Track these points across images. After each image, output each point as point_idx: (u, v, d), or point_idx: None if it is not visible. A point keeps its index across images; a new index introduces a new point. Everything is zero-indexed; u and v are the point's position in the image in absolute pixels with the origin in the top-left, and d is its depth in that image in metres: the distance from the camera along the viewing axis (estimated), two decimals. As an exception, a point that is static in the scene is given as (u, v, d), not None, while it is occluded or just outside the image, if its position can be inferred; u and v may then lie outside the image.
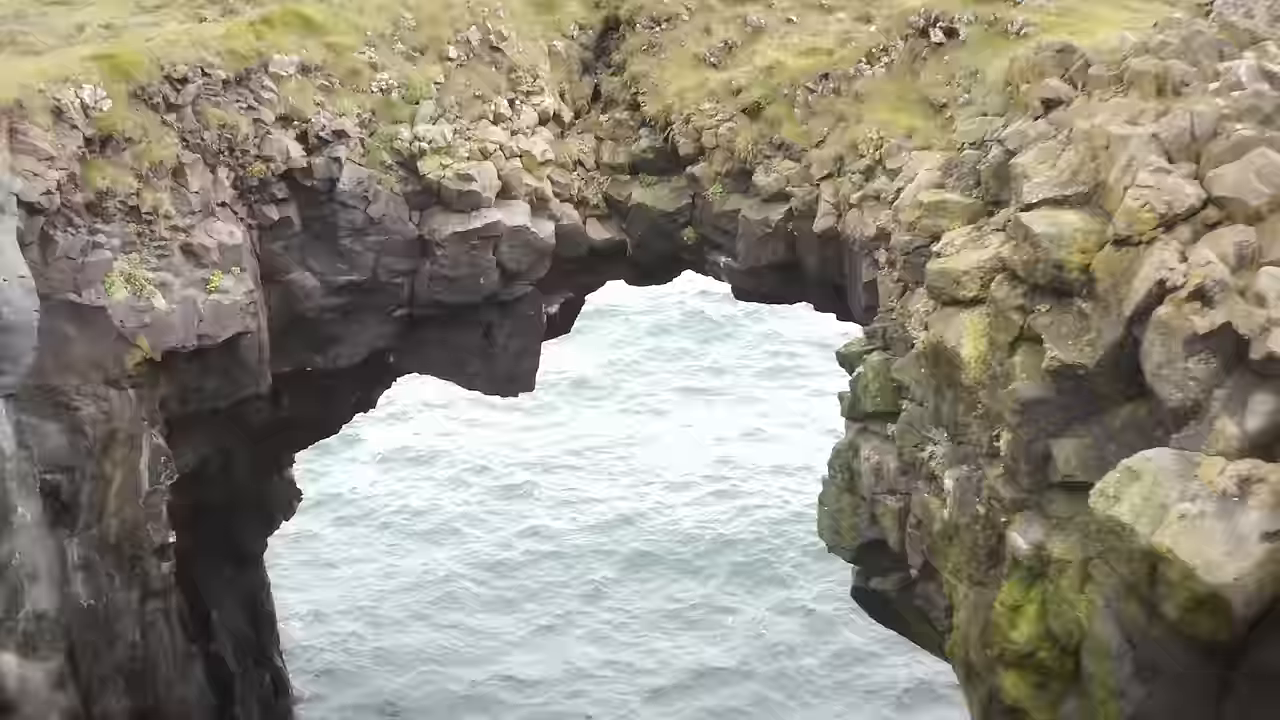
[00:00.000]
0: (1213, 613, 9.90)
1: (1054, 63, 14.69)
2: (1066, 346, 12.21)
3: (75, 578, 19.71)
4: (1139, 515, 10.48)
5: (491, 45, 22.99)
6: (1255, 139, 11.50)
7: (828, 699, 30.20)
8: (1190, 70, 12.56)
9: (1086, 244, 12.25)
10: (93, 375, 19.01)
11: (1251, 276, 10.92)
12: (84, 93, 18.92)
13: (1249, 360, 10.75)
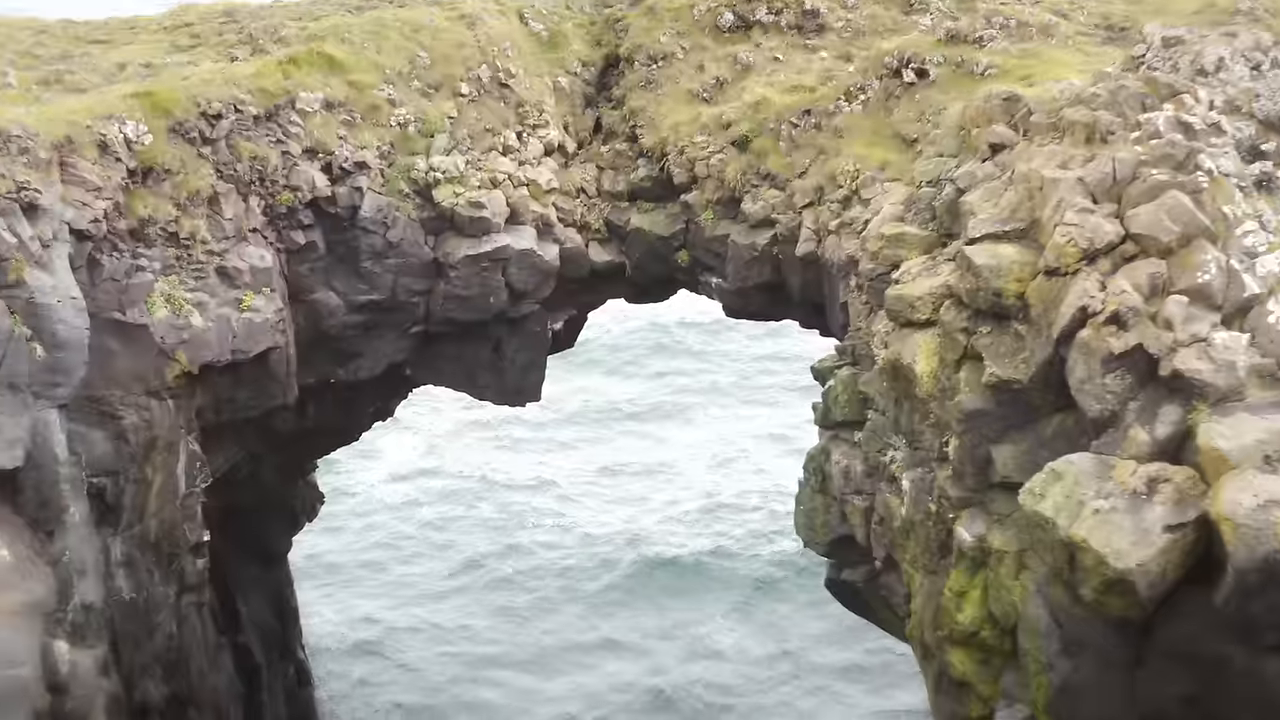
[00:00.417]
0: (1122, 594, 11.19)
1: (1001, 110, 16.05)
2: (1004, 364, 13.59)
3: (118, 573, 20.83)
4: (1060, 510, 11.78)
5: (500, 82, 24.29)
6: (1168, 183, 12.83)
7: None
8: (1116, 120, 13.90)
9: (1022, 274, 13.64)
10: (135, 387, 20.22)
11: (1161, 304, 12.25)
12: (127, 128, 20.22)
13: (1158, 377, 12.09)
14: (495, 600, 36.02)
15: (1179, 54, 15.19)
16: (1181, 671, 11.49)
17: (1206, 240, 12.55)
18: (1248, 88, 14.22)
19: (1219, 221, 12.68)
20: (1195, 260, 12.42)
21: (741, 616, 35.00)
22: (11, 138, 18.25)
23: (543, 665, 33.27)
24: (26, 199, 18.07)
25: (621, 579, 36.94)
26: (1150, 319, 12.26)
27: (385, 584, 36.90)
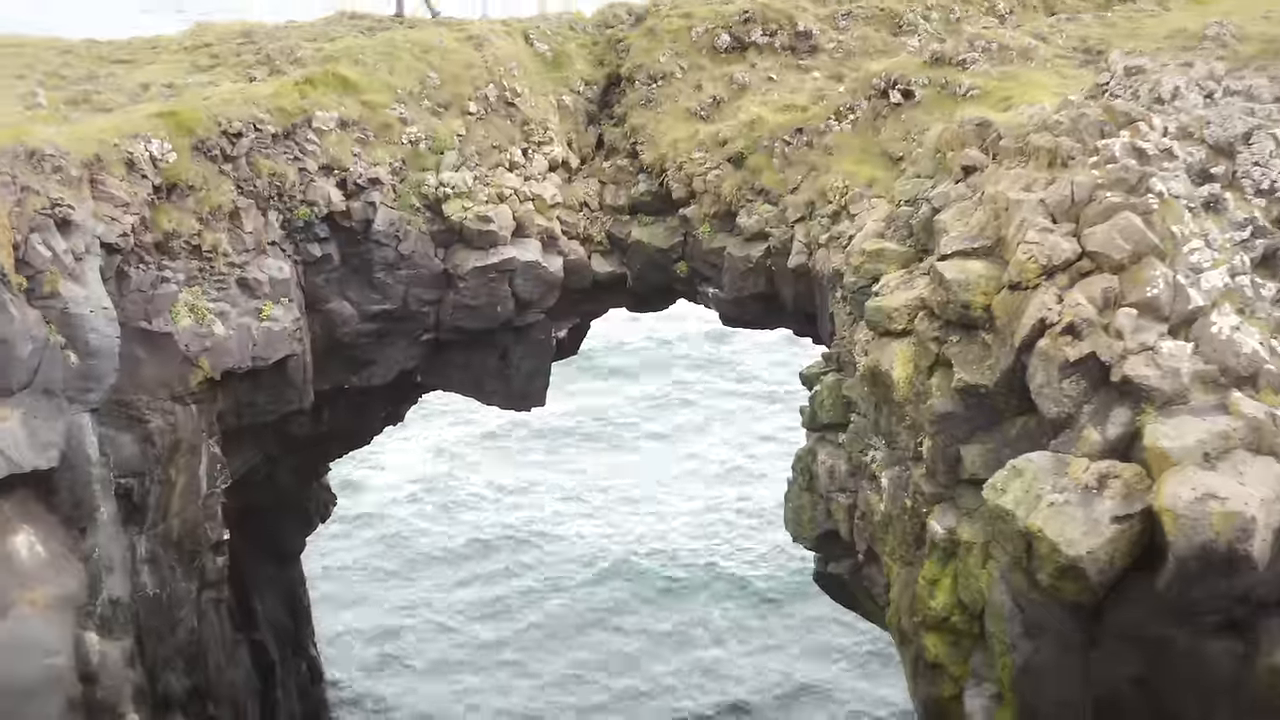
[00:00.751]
0: (1074, 579, 12.26)
1: (974, 135, 17.12)
2: (972, 370, 14.68)
3: (143, 569, 21.66)
4: (1019, 503, 12.86)
5: (507, 101, 25.36)
6: (1121, 204, 13.90)
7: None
8: (1076, 146, 14.98)
9: (988, 288, 14.73)
10: (161, 392, 21.19)
11: (1113, 315, 13.33)
12: (152, 146, 21.28)
13: (1110, 382, 13.17)
14: (497, 606, 37.09)
15: (1139, 82, 16.29)
16: (1131, 653, 12.56)
17: (1155, 257, 13.65)
18: (1200, 115, 15.32)
19: (1167, 240, 13.78)
20: (1145, 276, 13.52)
21: (745, 633, 35.91)
22: (45, 156, 19.32)
23: (544, 664, 34.41)
24: (60, 215, 19.13)
25: (626, 588, 37.79)
26: (1103, 329, 13.34)
27: (388, 585, 38.05)
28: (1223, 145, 14.92)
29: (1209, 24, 20.67)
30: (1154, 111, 15.46)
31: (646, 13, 28.00)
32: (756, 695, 32.54)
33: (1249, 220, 14.12)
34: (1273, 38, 19.74)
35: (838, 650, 33.70)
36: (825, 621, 34.28)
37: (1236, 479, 11.70)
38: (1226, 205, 14.26)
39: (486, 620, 36.28)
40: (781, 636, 35.00)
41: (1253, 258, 13.86)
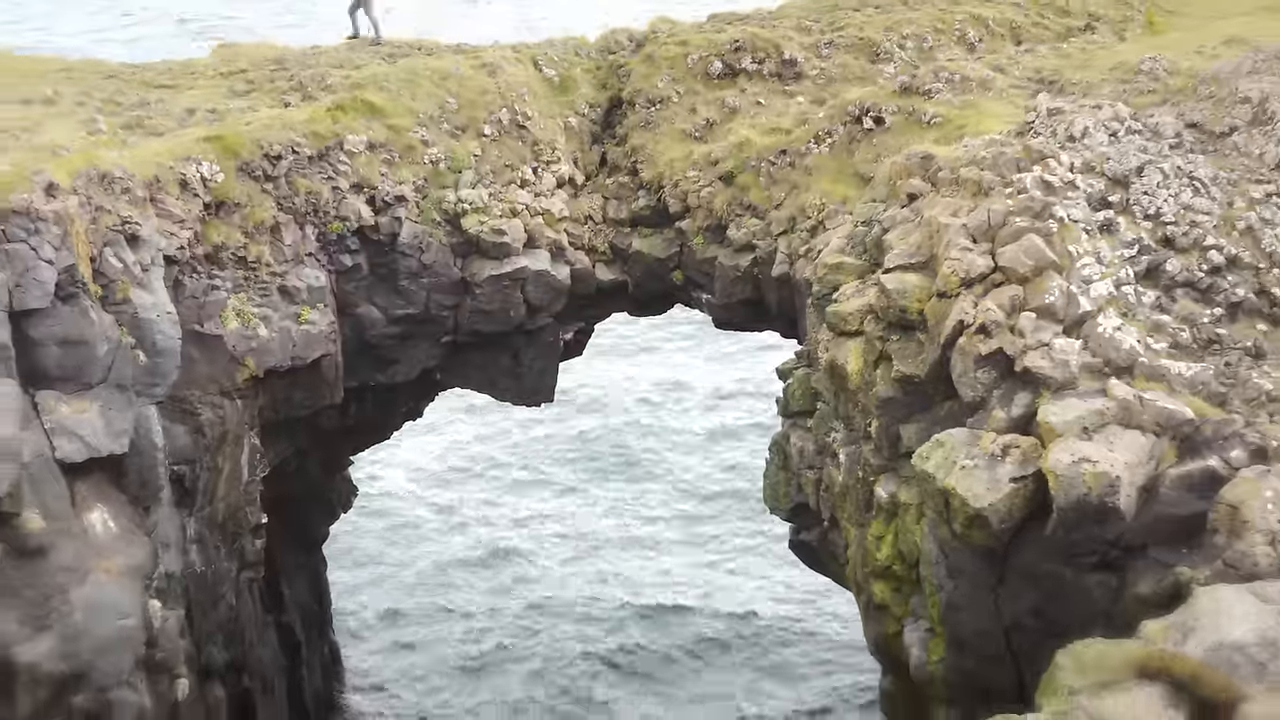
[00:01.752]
0: (981, 528, 16.13)
1: (919, 166, 20.99)
2: (908, 363, 18.58)
3: (191, 548, 25.32)
4: (939, 468, 16.72)
5: (518, 124, 29.25)
6: (1027, 228, 17.80)
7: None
8: (996, 179, 18.87)
9: (921, 296, 18.61)
10: (211, 388, 25.03)
11: (1017, 318, 17.22)
12: (203, 168, 25.21)
13: (1014, 372, 17.05)
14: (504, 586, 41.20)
15: (1058, 122, 20.16)
16: (1029, 588, 16.41)
17: (1054, 271, 17.49)
18: (1103, 151, 19.18)
19: (1064, 257, 17.61)
20: (1044, 286, 17.35)
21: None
22: (115, 179, 23.21)
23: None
24: (129, 231, 23.01)
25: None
26: (1009, 330, 17.19)
27: (399, 570, 42.07)
28: (1119, 177, 18.82)
29: (1144, 59, 24.67)
30: (1065, 148, 19.34)
31: (645, 39, 32.01)
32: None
33: (1136, 240, 18.01)
34: (1197, 72, 23.68)
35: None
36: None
37: (1108, 447, 15.53)
38: (1119, 228, 18.14)
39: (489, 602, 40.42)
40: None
41: (1137, 271, 17.74)
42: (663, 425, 50.62)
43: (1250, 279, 17.57)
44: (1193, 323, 17.16)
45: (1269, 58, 21.28)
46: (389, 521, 44.34)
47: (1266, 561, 14.15)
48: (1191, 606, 13.00)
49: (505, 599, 40.36)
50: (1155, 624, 13.02)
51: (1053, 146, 19.30)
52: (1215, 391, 16.31)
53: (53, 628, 20.30)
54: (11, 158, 22.80)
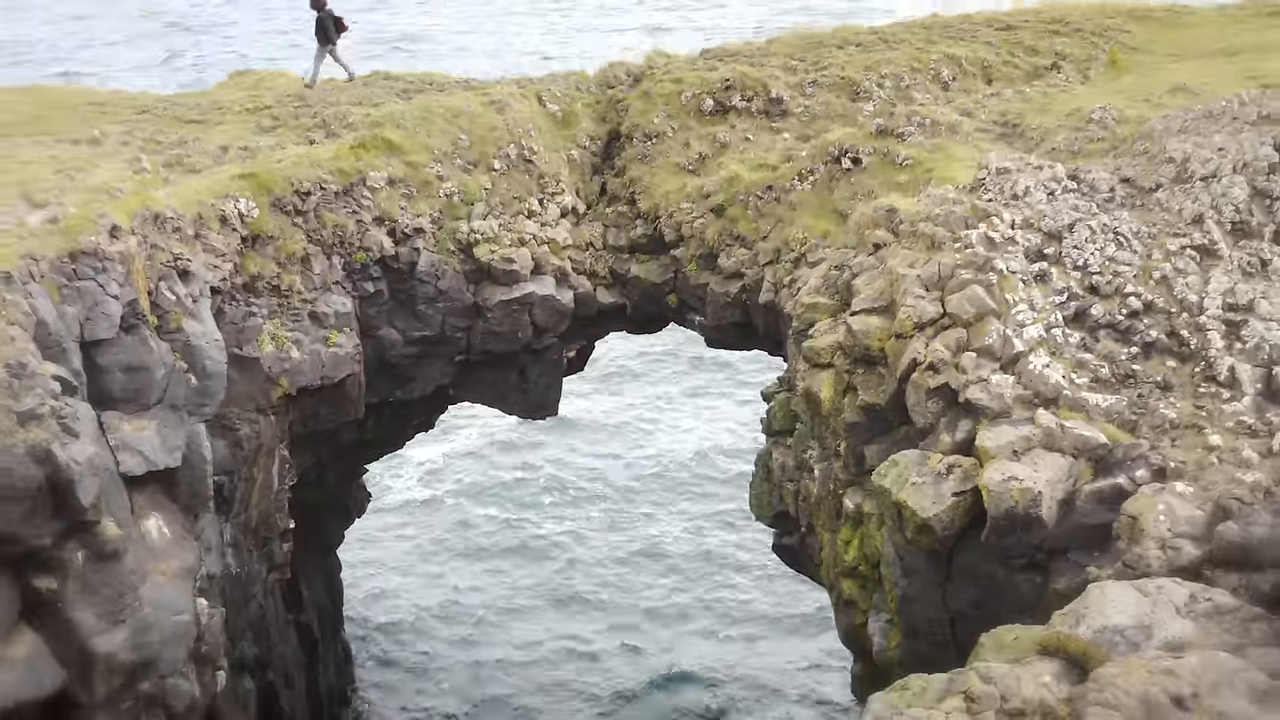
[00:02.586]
0: (927, 534, 20.26)
1: (884, 219, 25.14)
2: (871, 394, 22.79)
3: (227, 552, 29.26)
4: (894, 484, 20.86)
5: (525, 158, 33.37)
6: (971, 280, 22.00)
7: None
8: (946, 234, 23.07)
9: (882, 336, 22.80)
10: (248, 405, 29.13)
11: (961, 357, 21.39)
12: (239, 204, 29.27)
13: (958, 403, 21.21)
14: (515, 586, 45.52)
15: (1004, 180, 24.36)
16: (970, 584, 20.55)
17: (993, 317, 21.61)
18: (1040, 209, 23.37)
19: (1002, 304, 21.77)
20: (984, 330, 21.50)
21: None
22: (166, 219, 27.29)
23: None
24: (181, 266, 27.08)
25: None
26: (954, 367, 21.33)
27: (407, 568, 46.37)
28: (1053, 232, 23.02)
29: (1095, 109, 28.89)
30: (1008, 206, 23.55)
31: (642, 74, 36.21)
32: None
33: (1066, 288, 22.20)
34: (1143, 120, 27.93)
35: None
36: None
37: (1033, 468, 19.64)
38: (1051, 277, 22.34)
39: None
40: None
41: (1065, 315, 21.90)
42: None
43: (1163, 322, 21.79)
44: (1112, 360, 21.39)
45: (1197, 117, 25.52)
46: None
47: (1158, 563, 18.34)
48: (1085, 598, 17.16)
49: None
50: (1058, 612, 17.22)
51: (997, 205, 23.53)
52: (1127, 420, 20.51)
53: (125, 622, 24.20)
54: (72, 199, 26.81)
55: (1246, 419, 20.21)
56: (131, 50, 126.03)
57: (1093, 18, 37.61)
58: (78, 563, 23.39)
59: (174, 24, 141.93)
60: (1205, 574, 18.01)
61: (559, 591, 45.21)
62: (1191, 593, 17.06)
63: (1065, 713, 13.67)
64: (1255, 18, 38.54)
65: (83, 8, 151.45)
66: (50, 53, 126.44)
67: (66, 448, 22.71)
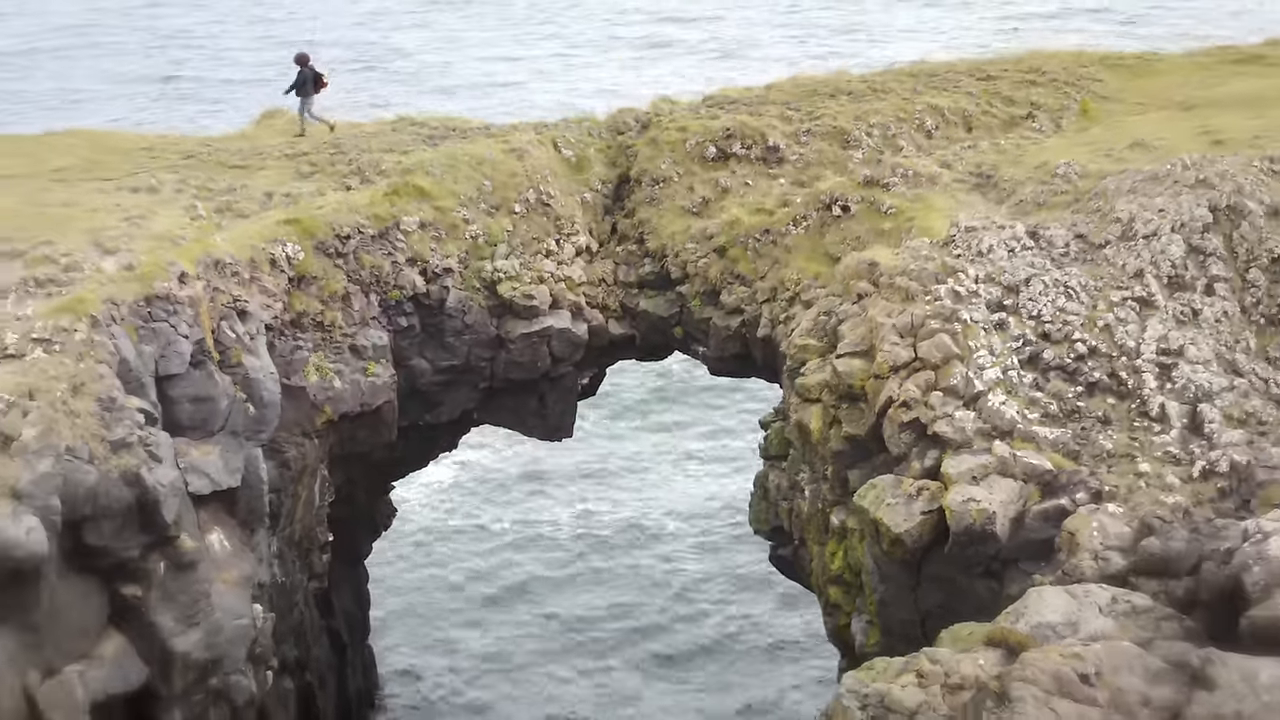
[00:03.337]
0: (900, 547, 24.75)
1: (867, 271, 29.66)
2: (853, 426, 27.37)
3: (274, 563, 33.74)
4: (872, 504, 25.37)
5: (543, 202, 37.90)
6: (940, 329, 26.55)
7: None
8: (919, 287, 27.61)
9: (864, 376, 27.36)
10: (295, 430, 33.53)
11: (930, 396, 25.97)
12: (287, 248, 33.74)
13: (927, 435, 25.78)
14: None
15: (971, 238, 28.91)
16: (937, 589, 25.06)
17: (958, 360, 26.12)
18: (1002, 265, 27.95)
19: (966, 350, 26.27)
20: (950, 372, 26.03)
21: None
22: (225, 264, 31.78)
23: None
24: (239, 307, 31.56)
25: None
26: (924, 404, 25.86)
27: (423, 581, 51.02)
28: (1012, 286, 27.60)
29: (1060, 164, 33.51)
30: (973, 262, 28.13)
31: (650, 121, 40.76)
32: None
33: (1022, 335, 26.76)
34: (1103, 173, 32.48)
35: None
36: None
37: (989, 490, 24.13)
38: (1009, 326, 26.91)
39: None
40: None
41: (1021, 359, 26.44)
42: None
43: (1105, 365, 26.37)
44: (1059, 398, 25.98)
45: (1144, 179, 30.11)
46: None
47: (1091, 571, 22.88)
48: (1025, 599, 21.68)
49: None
50: (1004, 612, 21.79)
51: (964, 261, 28.13)
52: (1071, 450, 25.10)
53: (199, 624, 28.54)
54: (141, 245, 31.30)
55: (1173, 449, 24.81)
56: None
57: (1068, 66, 42.30)
58: (159, 572, 27.69)
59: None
60: (1130, 581, 22.53)
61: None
62: (1113, 595, 21.60)
63: (995, 687, 18.18)
64: (1220, 65, 43.24)
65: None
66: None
67: (153, 472, 27.07)
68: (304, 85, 42.31)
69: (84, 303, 28.63)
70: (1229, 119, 35.88)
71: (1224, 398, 25.53)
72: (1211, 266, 27.88)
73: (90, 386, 27.05)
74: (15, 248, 30.91)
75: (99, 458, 26.27)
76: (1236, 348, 26.66)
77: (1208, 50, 44.73)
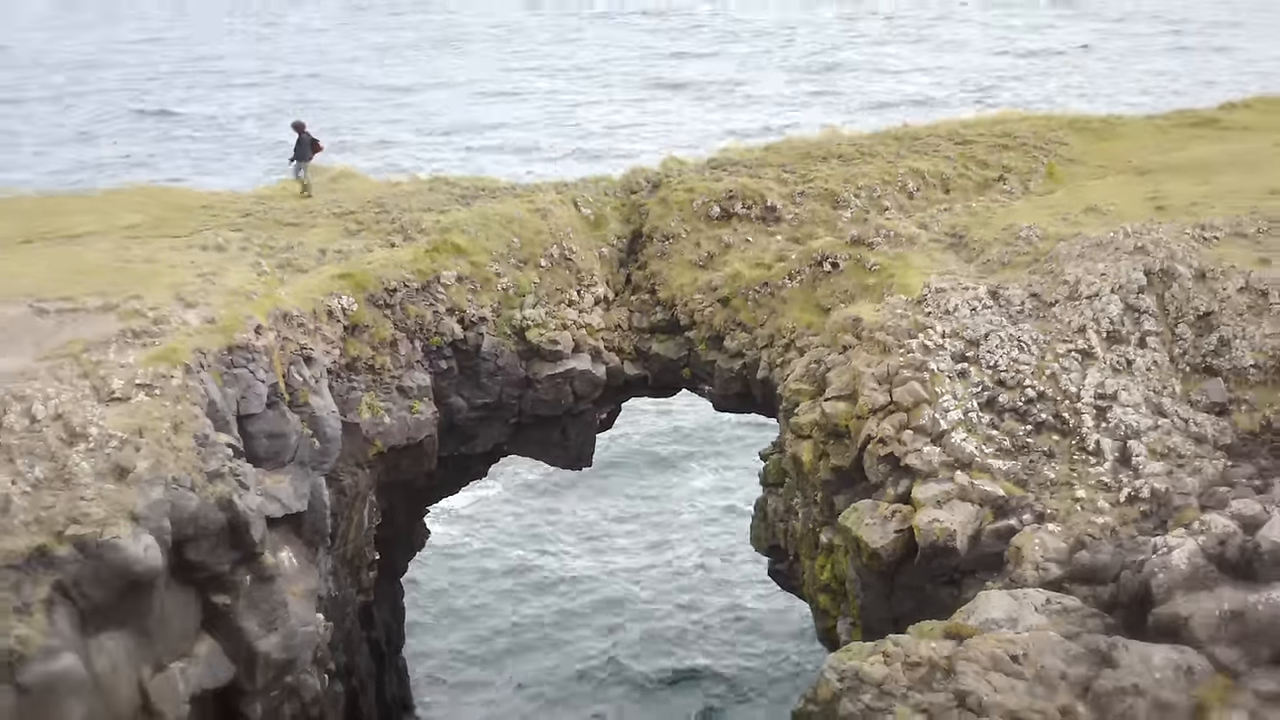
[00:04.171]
0: (876, 560, 30.59)
1: (851, 325, 35.56)
2: (840, 458, 33.25)
3: (329, 578, 39.92)
4: (854, 524, 31.09)
5: (565, 256, 43.87)
6: (911, 377, 32.43)
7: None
8: (894, 341, 33.60)
9: (848, 417, 33.27)
10: (350, 461, 39.46)
11: (902, 434, 31.92)
12: (342, 300, 39.73)
13: (900, 466, 31.69)
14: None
15: (940, 298, 34.90)
16: (909, 596, 30.87)
17: (926, 404, 31.97)
18: (965, 322, 33.91)
19: (933, 395, 32.12)
20: (920, 414, 31.90)
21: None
22: (292, 316, 37.71)
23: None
24: (305, 354, 37.45)
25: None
26: (897, 440, 31.72)
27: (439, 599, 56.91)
28: (973, 340, 33.56)
29: (1022, 227, 39.56)
30: (941, 319, 34.17)
31: (660, 181, 46.77)
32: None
33: (980, 382, 32.64)
34: (1060, 236, 38.50)
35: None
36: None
37: (950, 513, 29.97)
38: (970, 374, 32.83)
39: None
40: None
41: (979, 403, 32.33)
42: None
43: (1051, 407, 32.31)
44: (1012, 435, 31.92)
45: (1091, 245, 36.15)
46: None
47: (1032, 579, 28.73)
48: (976, 601, 27.51)
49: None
50: (958, 610, 27.69)
51: (933, 319, 34.18)
52: (1020, 479, 31.02)
53: (278, 629, 34.18)
54: (218, 300, 37.22)
55: (1105, 479, 30.74)
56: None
57: (1038, 130, 48.45)
58: (245, 584, 33.29)
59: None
60: (1065, 587, 28.35)
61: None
62: (1048, 598, 27.51)
63: (944, 664, 24.14)
64: (1178, 128, 49.42)
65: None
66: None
67: (242, 498, 32.79)
68: (302, 149, 48.50)
69: (176, 352, 34.38)
70: (1176, 185, 41.87)
71: (1150, 435, 31.39)
72: (1145, 323, 33.82)
73: (187, 425, 32.70)
74: (109, 301, 36.63)
75: (198, 486, 31.81)
76: (1164, 392, 32.55)
77: (1167, 114, 50.84)
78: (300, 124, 49.31)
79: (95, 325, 35.53)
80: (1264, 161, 42.76)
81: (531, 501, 65.82)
